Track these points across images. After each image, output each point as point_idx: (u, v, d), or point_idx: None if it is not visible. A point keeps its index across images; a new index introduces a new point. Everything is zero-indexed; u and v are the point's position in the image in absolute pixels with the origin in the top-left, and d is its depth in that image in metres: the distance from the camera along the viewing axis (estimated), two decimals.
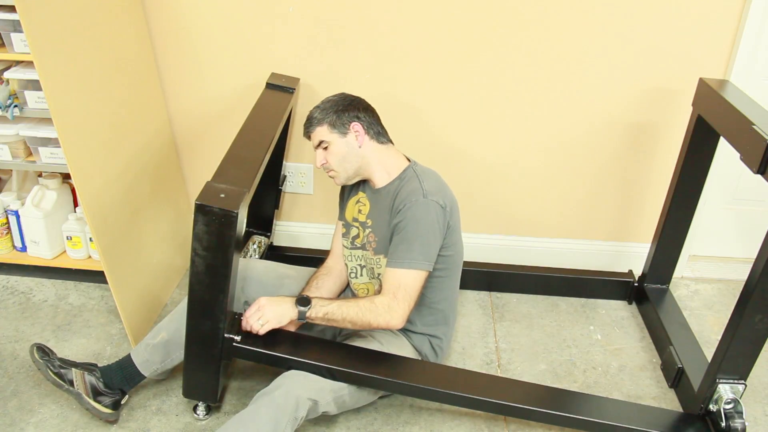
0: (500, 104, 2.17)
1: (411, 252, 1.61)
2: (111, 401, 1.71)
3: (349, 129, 1.71)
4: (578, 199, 2.33)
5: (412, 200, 1.63)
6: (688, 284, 2.45)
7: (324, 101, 1.76)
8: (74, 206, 2.22)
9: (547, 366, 2.03)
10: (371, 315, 1.61)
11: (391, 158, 1.76)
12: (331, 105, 1.73)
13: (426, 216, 1.62)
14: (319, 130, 1.72)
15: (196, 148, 2.34)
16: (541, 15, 2.02)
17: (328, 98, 1.77)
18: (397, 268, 1.62)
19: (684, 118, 2.01)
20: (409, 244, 1.61)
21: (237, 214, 1.39)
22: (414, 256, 1.61)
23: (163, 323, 1.75)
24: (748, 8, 1.96)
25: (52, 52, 1.66)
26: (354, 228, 1.82)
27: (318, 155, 1.76)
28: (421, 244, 1.61)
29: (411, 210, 1.62)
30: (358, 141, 1.72)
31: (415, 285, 1.63)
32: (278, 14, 2.07)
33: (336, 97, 1.76)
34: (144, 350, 1.74)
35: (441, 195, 1.67)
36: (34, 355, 1.71)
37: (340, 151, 1.72)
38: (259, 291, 1.79)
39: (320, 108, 1.74)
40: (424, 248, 1.62)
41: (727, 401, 1.66)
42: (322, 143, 1.73)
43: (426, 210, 1.62)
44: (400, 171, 1.74)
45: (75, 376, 1.69)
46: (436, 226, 1.64)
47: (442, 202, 1.65)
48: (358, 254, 1.82)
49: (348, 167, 1.74)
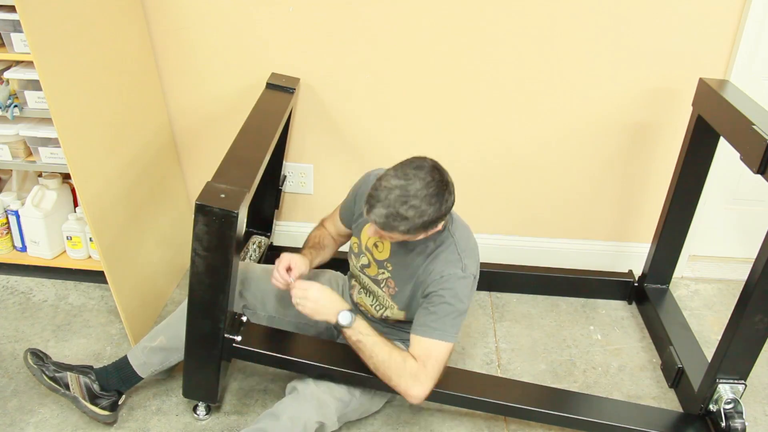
0: (500, 104, 2.17)
1: (445, 325, 1.54)
2: (108, 403, 1.71)
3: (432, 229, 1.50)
4: (578, 199, 2.33)
5: (450, 273, 1.54)
6: (688, 284, 2.45)
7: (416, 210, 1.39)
8: (74, 206, 2.21)
9: (547, 366, 2.03)
10: (396, 371, 1.53)
11: None
12: (426, 221, 1.42)
13: (463, 292, 1.56)
14: (395, 235, 1.47)
15: (196, 148, 2.34)
16: (541, 15, 2.02)
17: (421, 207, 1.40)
18: (430, 338, 1.54)
19: (684, 118, 2.01)
20: (444, 317, 1.54)
21: (237, 215, 1.39)
22: (447, 330, 1.54)
23: (162, 327, 1.74)
24: (748, 8, 1.96)
25: (52, 52, 1.66)
26: (365, 257, 1.72)
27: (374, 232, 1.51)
28: (454, 318, 1.55)
29: (449, 284, 1.54)
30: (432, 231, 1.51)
31: (444, 357, 1.57)
32: (278, 14, 2.07)
33: (431, 207, 1.41)
34: (141, 353, 1.73)
35: (475, 265, 1.59)
36: (28, 361, 1.70)
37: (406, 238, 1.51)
38: (258, 294, 1.78)
39: (410, 222, 1.41)
40: (457, 322, 1.56)
41: (727, 401, 1.67)
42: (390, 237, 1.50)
43: (464, 286, 1.55)
44: (436, 230, 1.53)
45: (70, 380, 1.69)
46: (468, 299, 1.58)
47: (476, 272, 1.59)
48: (366, 280, 1.74)
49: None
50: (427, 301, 1.56)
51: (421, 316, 1.57)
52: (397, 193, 1.40)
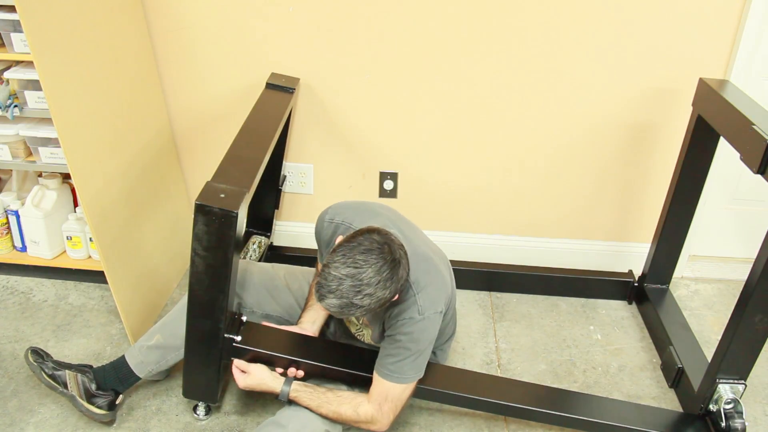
0: (500, 104, 2.17)
1: (402, 369, 1.53)
2: (105, 402, 1.71)
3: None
4: (578, 199, 2.33)
5: (406, 318, 1.49)
6: (688, 284, 2.44)
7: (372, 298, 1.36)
8: (74, 206, 2.22)
9: (547, 366, 2.03)
10: (351, 422, 1.58)
11: None
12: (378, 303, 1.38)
13: (423, 332, 1.51)
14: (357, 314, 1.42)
15: (196, 148, 2.34)
16: (540, 15, 2.02)
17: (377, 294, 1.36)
18: (387, 381, 1.54)
19: (684, 118, 2.01)
20: (402, 361, 1.52)
21: (237, 214, 1.39)
22: (405, 372, 1.53)
23: (158, 326, 1.75)
24: (748, 8, 1.96)
25: (52, 52, 1.66)
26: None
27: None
28: (413, 361, 1.53)
29: (406, 328, 1.50)
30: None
31: (403, 395, 1.57)
32: (278, 14, 2.07)
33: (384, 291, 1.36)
34: (139, 352, 1.73)
35: (438, 303, 1.52)
36: (28, 358, 1.71)
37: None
38: (254, 295, 1.78)
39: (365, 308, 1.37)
40: (417, 363, 1.54)
41: (727, 401, 1.66)
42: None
43: (421, 329, 1.50)
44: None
45: (68, 378, 1.69)
46: (432, 336, 1.54)
47: (441, 308, 1.53)
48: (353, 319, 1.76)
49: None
50: (388, 340, 1.55)
51: (382, 353, 1.56)
52: (348, 283, 1.34)
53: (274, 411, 1.79)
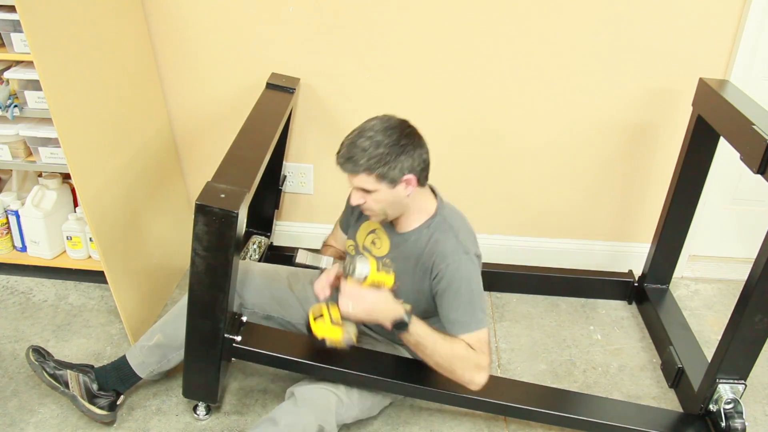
0: (500, 104, 2.17)
1: (475, 314, 1.55)
2: (106, 402, 1.71)
3: (401, 181, 1.50)
4: (578, 199, 2.33)
5: (455, 259, 1.54)
6: (688, 284, 2.45)
7: (372, 142, 1.45)
8: (74, 206, 2.21)
9: (547, 366, 2.03)
10: (461, 365, 1.54)
11: (424, 201, 1.61)
12: (383, 152, 1.45)
13: (473, 274, 1.57)
14: (364, 178, 1.48)
15: (196, 148, 2.34)
16: (541, 15, 2.02)
17: (377, 137, 1.45)
18: (472, 333, 1.55)
19: (684, 118, 2.01)
20: (471, 307, 1.55)
21: (237, 215, 1.39)
22: (479, 317, 1.56)
23: (158, 325, 1.74)
24: (748, 8, 1.96)
25: (52, 52, 1.66)
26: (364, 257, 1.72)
27: (355, 195, 1.54)
28: (479, 303, 1.56)
29: (459, 271, 1.54)
30: (407, 191, 1.52)
31: (488, 341, 1.58)
32: (278, 14, 2.07)
33: (388, 139, 1.45)
34: (140, 352, 1.73)
35: (475, 244, 1.61)
36: (29, 357, 1.71)
37: (385, 199, 1.52)
38: (256, 296, 1.78)
39: (368, 153, 1.45)
40: (482, 304, 1.57)
41: (727, 401, 1.67)
42: (364, 188, 1.51)
43: (471, 267, 1.56)
44: (428, 215, 1.60)
45: (70, 378, 1.69)
46: (481, 279, 1.59)
47: (479, 252, 1.61)
48: None
49: (390, 213, 1.57)
50: (445, 296, 1.56)
51: (450, 313, 1.56)
52: (356, 132, 1.50)
53: None
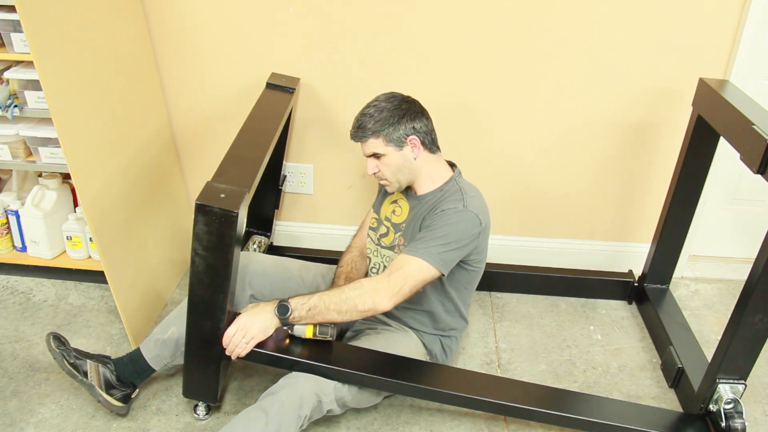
0: (499, 105, 2.17)
1: (428, 246, 1.56)
2: (122, 395, 1.72)
3: (407, 142, 1.64)
4: (578, 199, 2.33)
5: (449, 207, 1.61)
6: (688, 284, 2.45)
7: (376, 108, 1.64)
8: (74, 206, 2.22)
9: (547, 366, 2.03)
10: (357, 297, 1.54)
11: (439, 168, 1.72)
12: (387, 115, 1.62)
13: (459, 222, 1.59)
14: (373, 142, 1.64)
15: (196, 148, 2.34)
16: (541, 15, 2.02)
17: (380, 104, 1.65)
18: (407, 254, 1.57)
19: (684, 118, 2.01)
20: (430, 239, 1.57)
21: (237, 214, 1.40)
22: (430, 251, 1.56)
23: (173, 318, 1.74)
24: (748, 8, 1.96)
25: (52, 52, 1.66)
26: (384, 226, 1.80)
27: (369, 164, 1.68)
28: (441, 244, 1.57)
29: (447, 214, 1.60)
30: (414, 153, 1.66)
31: (417, 276, 1.55)
32: (278, 14, 2.07)
33: (390, 104, 1.64)
34: (154, 345, 1.74)
35: (482, 211, 1.65)
36: (50, 344, 1.71)
37: (395, 163, 1.66)
38: (265, 284, 1.80)
39: (374, 118, 1.63)
40: (444, 248, 1.57)
41: (727, 401, 1.66)
42: (375, 154, 1.66)
43: (461, 217, 1.59)
44: (443, 181, 1.71)
45: (89, 368, 1.70)
46: (465, 234, 1.59)
47: (482, 218, 1.63)
48: (384, 253, 1.80)
49: (402, 178, 1.69)
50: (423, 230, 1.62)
51: (415, 238, 1.62)
52: (364, 107, 1.67)
53: None
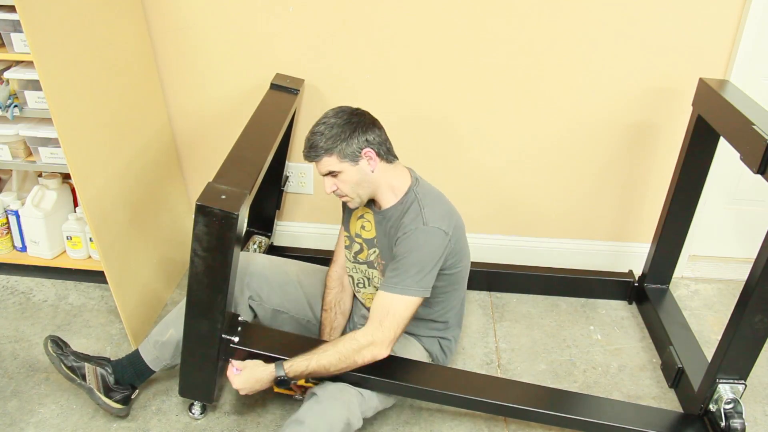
0: (500, 104, 2.17)
1: (405, 279, 1.55)
2: (121, 396, 1.72)
3: (362, 156, 1.59)
4: (578, 199, 2.33)
5: (411, 228, 1.57)
6: (688, 284, 2.44)
7: (326, 125, 1.59)
8: (74, 206, 2.22)
9: (547, 366, 2.03)
10: (355, 354, 1.55)
11: (397, 178, 1.67)
12: (337, 131, 1.57)
13: (425, 243, 1.56)
14: (327, 160, 1.58)
15: (197, 148, 2.34)
16: (541, 15, 2.02)
17: (330, 120, 1.60)
18: (388, 293, 1.56)
19: (684, 118, 2.01)
20: (405, 270, 1.55)
21: (237, 216, 1.39)
22: (408, 284, 1.55)
23: (171, 319, 1.73)
24: (748, 8, 1.96)
25: (52, 52, 1.66)
26: (356, 244, 1.77)
27: (327, 182, 1.63)
28: (417, 272, 1.55)
29: (410, 238, 1.56)
30: (370, 166, 1.61)
31: (405, 312, 1.57)
32: (278, 15, 2.07)
33: (339, 119, 1.59)
34: (153, 347, 1.74)
35: (443, 220, 1.60)
36: (48, 348, 1.71)
37: (352, 178, 1.60)
38: (263, 287, 1.79)
39: (325, 135, 1.57)
40: (420, 275, 1.56)
41: (727, 401, 1.66)
42: (331, 172, 1.61)
43: (425, 237, 1.56)
44: (403, 192, 1.66)
45: (87, 371, 1.70)
46: (436, 253, 1.58)
47: (445, 228, 1.59)
48: (362, 268, 1.78)
49: (362, 192, 1.64)
50: (392, 259, 1.61)
51: (386, 273, 1.61)
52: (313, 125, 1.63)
53: (275, 411, 1.80)
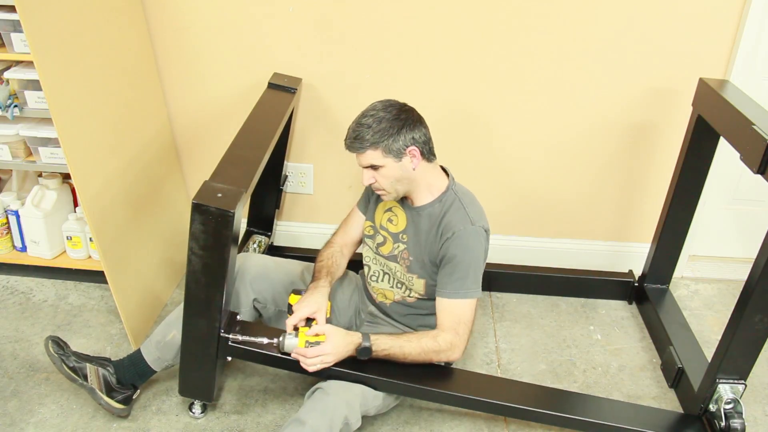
0: (500, 104, 2.17)
1: (466, 282, 1.62)
2: (123, 396, 1.72)
3: (406, 153, 1.59)
4: (578, 199, 2.33)
5: (460, 228, 1.61)
6: (688, 284, 2.44)
7: (374, 118, 1.57)
8: (74, 206, 2.22)
9: (547, 366, 2.03)
10: (434, 354, 1.63)
11: (435, 177, 1.69)
12: (386, 126, 1.56)
13: (476, 244, 1.63)
14: (372, 154, 1.58)
15: (196, 148, 2.34)
16: (541, 15, 2.02)
17: (378, 114, 1.58)
18: (455, 299, 1.63)
19: (684, 118, 2.01)
20: (464, 274, 1.61)
21: (233, 214, 1.40)
22: (469, 286, 1.62)
23: (173, 320, 1.73)
24: (748, 8, 1.96)
25: (52, 52, 1.66)
26: (381, 235, 1.78)
27: (366, 174, 1.63)
28: (474, 273, 1.62)
29: (461, 239, 1.61)
30: (413, 164, 1.61)
31: (472, 315, 1.65)
32: (279, 14, 2.07)
33: (388, 114, 1.58)
34: (155, 348, 1.74)
35: (484, 219, 1.67)
36: (49, 349, 1.71)
37: (393, 174, 1.61)
38: (267, 287, 1.79)
39: (372, 129, 1.56)
40: (477, 276, 1.64)
41: (727, 401, 1.66)
42: (372, 165, 1.60)
43: (475, 238, 1.62)
44: (441, 191, 1.68)
45: (89, 371, 1.70)
46: (484, 252, 1.66)
47: (486, 226, 1.66)
48: (382, 261, 1.78)
49: (400, 188, 1.65)
50: (446, 262, 1.63)
51: (443, 277, 1.64)
52: (360, 115, 1.62)
53: (275, 411, 1.80)
